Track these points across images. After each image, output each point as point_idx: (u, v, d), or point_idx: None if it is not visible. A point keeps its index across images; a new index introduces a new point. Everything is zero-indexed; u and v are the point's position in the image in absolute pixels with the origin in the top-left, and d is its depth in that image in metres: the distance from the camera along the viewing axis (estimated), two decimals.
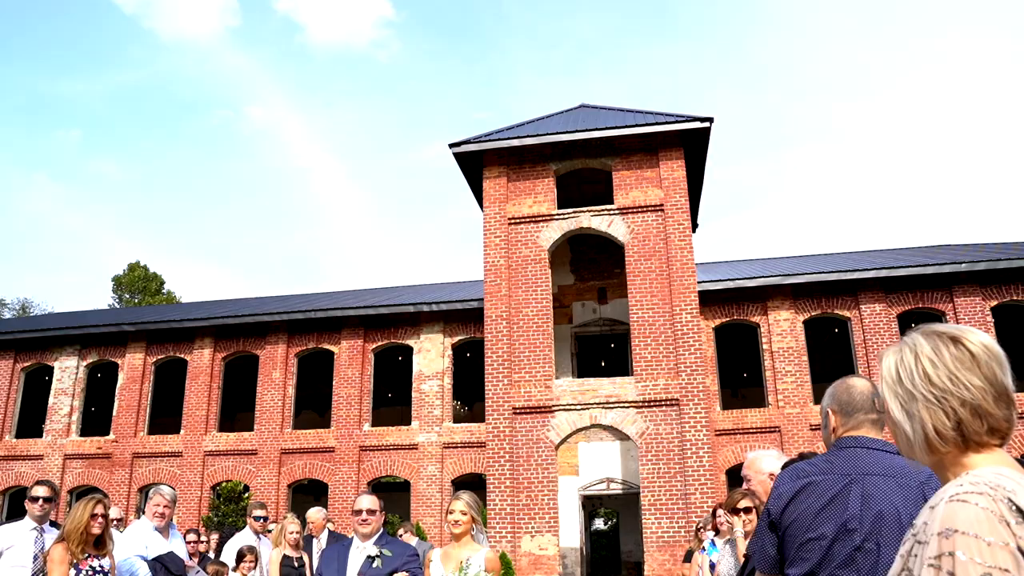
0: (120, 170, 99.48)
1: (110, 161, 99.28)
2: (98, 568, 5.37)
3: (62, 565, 5.31)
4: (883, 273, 19.70)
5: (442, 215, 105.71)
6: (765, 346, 20.01)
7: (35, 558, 5.68)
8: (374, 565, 4.79)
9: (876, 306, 19.78)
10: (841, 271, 20.01)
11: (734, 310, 20.39)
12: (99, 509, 5.46)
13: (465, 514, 4.81)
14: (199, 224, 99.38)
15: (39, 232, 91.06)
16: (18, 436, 23.94)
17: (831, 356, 22.17)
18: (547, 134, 19.42)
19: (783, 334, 19.91)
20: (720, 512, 6.55)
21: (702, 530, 9.25)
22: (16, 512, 6.17)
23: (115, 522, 7.81)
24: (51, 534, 5.99)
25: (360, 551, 4.92)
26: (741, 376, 25.30)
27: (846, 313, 20.08)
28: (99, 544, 5.48)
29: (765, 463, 3.98)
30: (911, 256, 22.60)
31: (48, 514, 6.08)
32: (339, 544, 5.11)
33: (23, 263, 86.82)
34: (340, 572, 4.84)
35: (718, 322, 20.35)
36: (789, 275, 20.14)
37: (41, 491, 6.04)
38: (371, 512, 4.99)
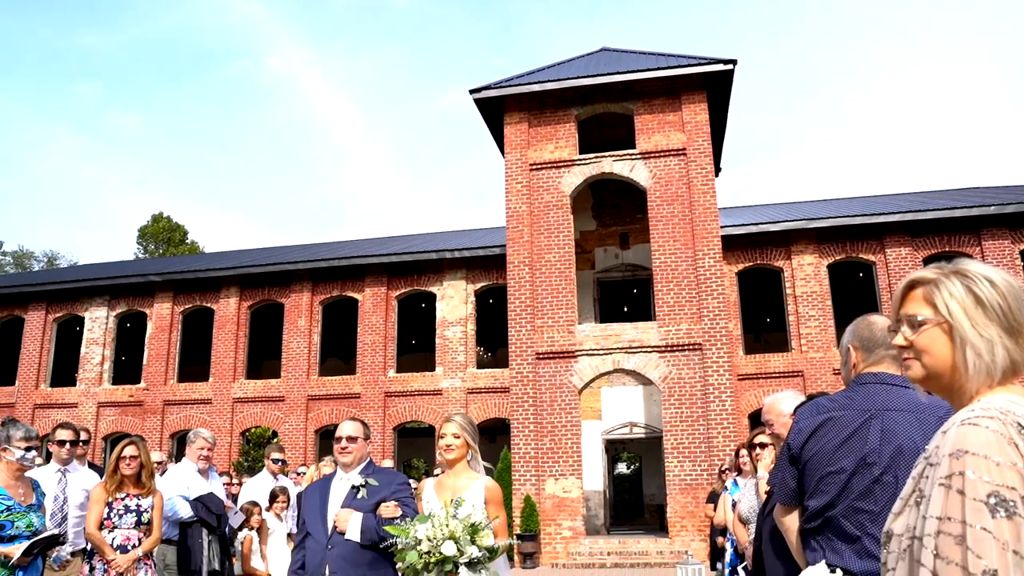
0: (141, 122, 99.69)
1: (131, 113, 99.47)
2: (133, 507, 5.55)
3: (96, 503, 5.57)
4: (909, 216, 19.51)
5: (464, 163, 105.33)
6: (788, 291, 19.96)
7: (56, 499, 5.84)
8: (359, 496, 4.30)
9: (902, 250, 19.62)
10: (866, 215, 19.82)
11: (757, 255, 20.31)
12: (128, 451, 5.64)
13: (458, 437, 4.24)
14: (220, 175, 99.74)
15: (63, 185, 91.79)
16: (53, 385, 24.46)
17: (855, 301, 22.08)
18: (568, 79, 19.24)
19: (807, 279, 19.83)
20: (743, 452, 6.64)
21: (726, 472, 9.35)
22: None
23: (155, 464, 8.07)
24: (76, 474, 6.19)
25: (343, 482, 4.45)
26: (764, 321, 25.27)
27: (871, 257, 19.95)
28: (139, 484, 5.66)
29: (785, 405, 4.03)
30: (938, 199, 22.35)
31: (73, 456, 6.23)
32: (323, 478, 4.67)
33: (49, 216, 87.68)
34: (322, 506, 4.38)
35: (741, 267, 20.30)
36: (813, 219, 19.99)
37: (64, 434, 6.20)
38: (351, 439, 4.47)
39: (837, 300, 20.54)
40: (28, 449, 4.80)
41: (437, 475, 11.46)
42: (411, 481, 5.31)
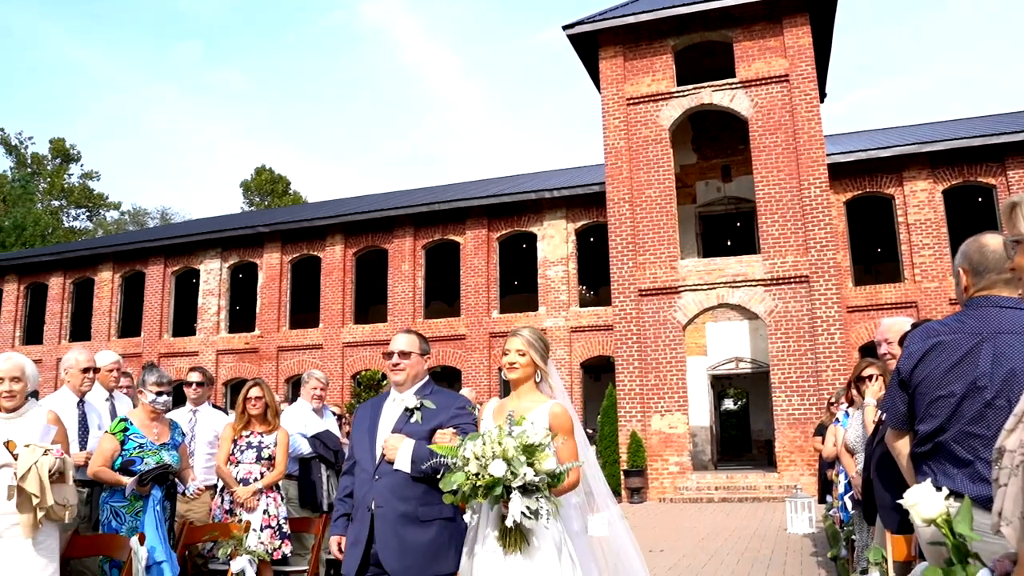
0: (241, 78, 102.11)
1: (230, 69, 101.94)
2: (255, 443, 5.90)
3: (224, 442, 6.05)
4: None
5: (561, 101, 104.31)
6: (900, 219, 19.17)
7: (184, 435, 6.24)
8: (412, 420, 3.69)
9: None
10: (985, 135, 18.76)
11: (867, 182, 19.53)
12: (253, 392, 6.01)
13: (523, 354, 3.54)
14: (319, 125, 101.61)
15: (170, 143, 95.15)
16: (174, 335, 25.70)
17: (974, 227, 20.94)
18: (663, 8, 18.73)
19: (920, 205, 18.99)
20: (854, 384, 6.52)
21: (834, 404, 9.19)
22: (179, 401, 7.11)
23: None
24: (204, 413, 6.61)
25: (396, 404, 3.82)
26: (875, 251, 24.43)
27: (991, 180, 18.93)
28: (265, 422, 6.00)
29: (907, 326, 3.97)
30: None
31: (202, 397, 6.67)
32: (375, 398, 4.04)
33: (159, 173, 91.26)
34: (371, 430, 3.77)
35: (849, 195, 19.57)
36: (927, 142, 19.05)
37: (194, 376, 6.75)
38: (404, 355, 3.80)
39: (953, 227, 19.62)
40: (159, 394, 5.12)
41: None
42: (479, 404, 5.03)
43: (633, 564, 3.49)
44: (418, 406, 3.72)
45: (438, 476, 3.19)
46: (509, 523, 3.03)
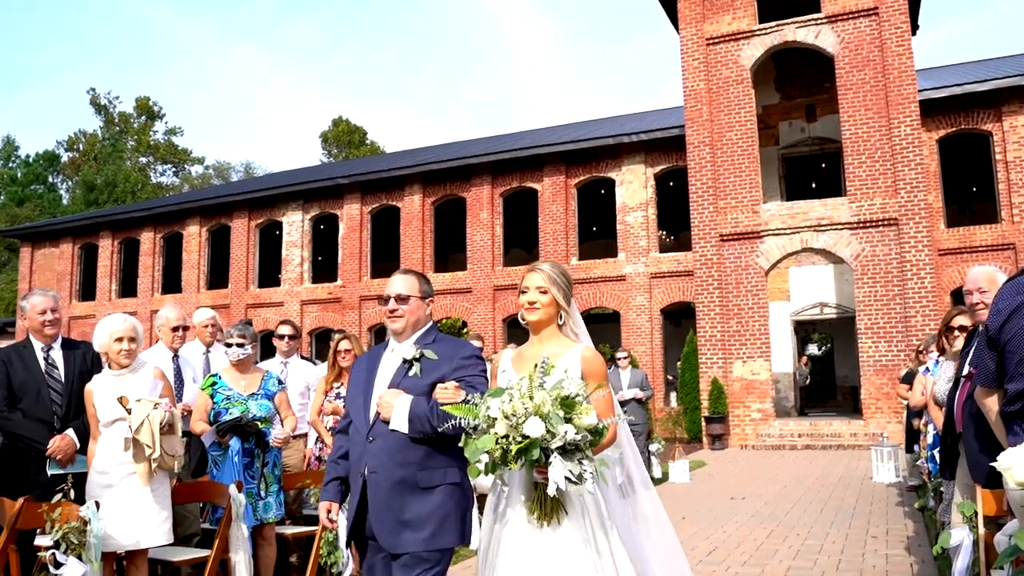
0: (314, 29, 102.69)
1: (304, 21, 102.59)
2: (344, 394, 6.05)
3: (318, 394, 6.29)
4: None
5: (639, 45, 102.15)
6: (999, 156, 18.30)
7: (280, 384, 6.42)
8: (411, 373, 3.18)
9: None
10: None
11: (961, 119, 18.66)
12: (343, 345, 6.20)
13: (545, 292, 3.06)
14: (394, 74, 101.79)
15: (249, 97, 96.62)
16: (260, 286, 26.39)
17: None
18: None
19: (1021, 142, 18.06)
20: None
21: (923, 353, 8.93)
22: (266, 352, 7.49)
23: None
24: (295, 365, 6.79)
25: (395, 355, 3.30)
26: (970, 191, 23.45)
27: None
28: None
29: (997, 276, 3.83)
30: None
31: (292, 349, 6.86)
32: (374, 348, 3.51)
33: (239, 128, 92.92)
34: (366, 385, 3.29)
35: (942, 133, 18.76)
36: None
37: (285, 330, 6.97)
38: (402, 299, 3.29)
39: None
40: (228, 345, 5.26)
41: (621, 357, 11.39)
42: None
43: (667, 529, 3.19)
44: (417, 357, 3.20)
45: (459, 442, 2.72)
46: (552, 491, 2.55)
